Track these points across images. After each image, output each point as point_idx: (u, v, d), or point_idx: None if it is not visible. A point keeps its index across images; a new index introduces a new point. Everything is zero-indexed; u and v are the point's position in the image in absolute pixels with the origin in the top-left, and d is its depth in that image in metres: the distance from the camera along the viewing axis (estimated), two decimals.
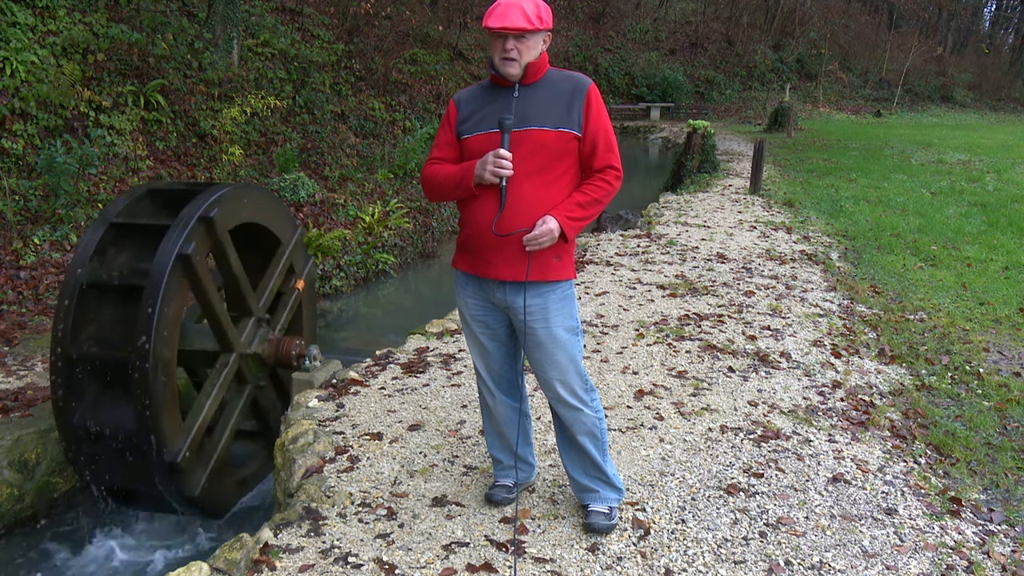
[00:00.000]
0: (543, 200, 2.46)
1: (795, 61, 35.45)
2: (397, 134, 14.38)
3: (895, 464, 3.39)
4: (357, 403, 3.92)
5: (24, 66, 8.02)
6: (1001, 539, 2.88)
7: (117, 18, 10.12)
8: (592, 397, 2.69)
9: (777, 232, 8.46)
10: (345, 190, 10.72)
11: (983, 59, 44.05)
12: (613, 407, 3.86)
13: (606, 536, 2.75)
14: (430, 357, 4.58)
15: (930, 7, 40.76)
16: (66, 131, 8.14)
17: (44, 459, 4.16)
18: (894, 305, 5.85)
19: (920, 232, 8.58)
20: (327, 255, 8.45)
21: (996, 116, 36.63)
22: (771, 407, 3.92)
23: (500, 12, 2.40)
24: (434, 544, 2.72)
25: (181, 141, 9.74)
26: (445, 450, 3.42)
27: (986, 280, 6.65)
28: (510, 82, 2.51)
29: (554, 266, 2.52)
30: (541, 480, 3.14)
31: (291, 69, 12.94)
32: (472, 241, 2.55)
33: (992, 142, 20.38)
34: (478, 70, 21.05)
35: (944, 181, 12.66)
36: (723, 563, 2.63)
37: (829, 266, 6.95)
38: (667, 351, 4.68)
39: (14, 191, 7.17)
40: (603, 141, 2.51)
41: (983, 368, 4.63)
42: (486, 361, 2.75)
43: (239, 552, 2.66)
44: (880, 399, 4.10)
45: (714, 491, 3.09)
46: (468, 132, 2.54)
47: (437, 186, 2.58)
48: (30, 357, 5.14)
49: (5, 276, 6.37)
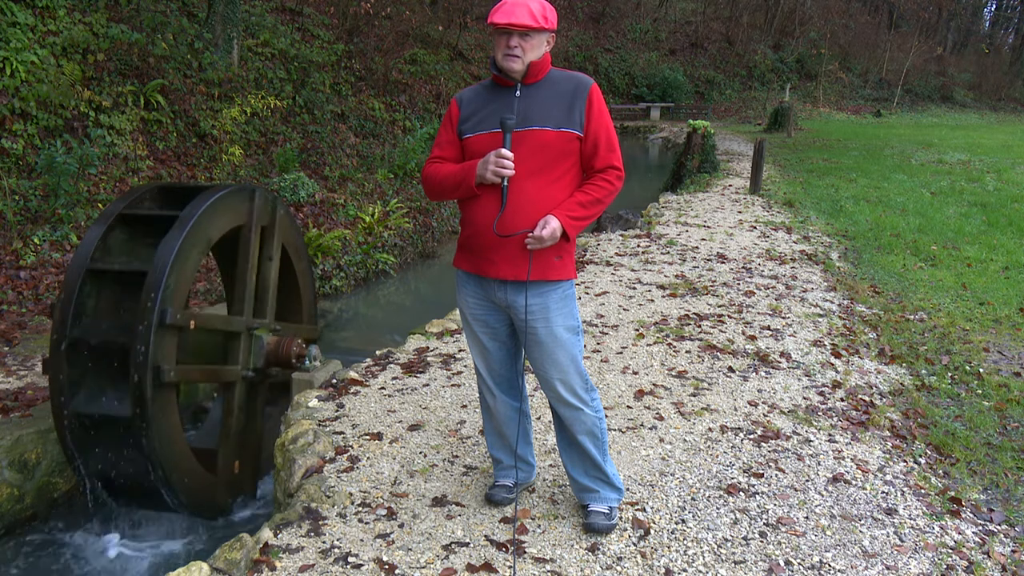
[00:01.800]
0: (544, 200, 2.46)
1: (795, 61, 35.44)
2: (397, 134, 14.38)
3: (895, 464, 3.39)
4: (357, 403, 3.92)
5: (24, 66, 8.02)
6: (1001, 539, 2.88)
7: (117, 18, 10.11)
8: (592, 397, 2.69)
9: (777, 232, 8.47)
10: (345, 190, 10.72)
11: (983, 59, 44.04)
12: (613, 407, 3.86)
13: (606, 536, 2.75)
14: (430, 357, 4.58)
15: (930, 7, 40.77)
16: (66, 131, 8.14)
17: (44, 459, 4.16)
18: (894, 305, 5.85)
19: (920, 232, 8.59)
20: (327, 255, 8.45)
21: (996, 116, 36.62)
22: (771, 407, 3.92)
23: (506, 9, 2.41)
24: (434, 544, 2.72)
25: (181, 141, 9.74)
26: (445, 450, 3.42)
27: (986, 280, 6.65)
28: (512, 82, 2.51)
29: (555, 266, 2.52)
30: (541, 480, 3.14)
31: (291, 69, 12.94)
32: (473, 240, 2.55)
33: (992, 142, 20.38)
34: (478, 70, 21.05)
35: (944, 181, 12.66)
36: (723, 563, 2.63)
37: (829, 266, 6.95)
38: (667, 351, 4.68)
39: (14, 191, 7.17)
40: (604, 141, 2.52)
41: (983, 368, 4.63)
42: (486, 360, 2.75)
43: (239, 552, 2.66)
44: (880, 399, 4.10)
45: (714, 491, 3.09)
46: (470, 132, 2.54)
47: (438, 185, 2.58)
48: (30, 357, 5.13)
49: (5, 276, 6.37)
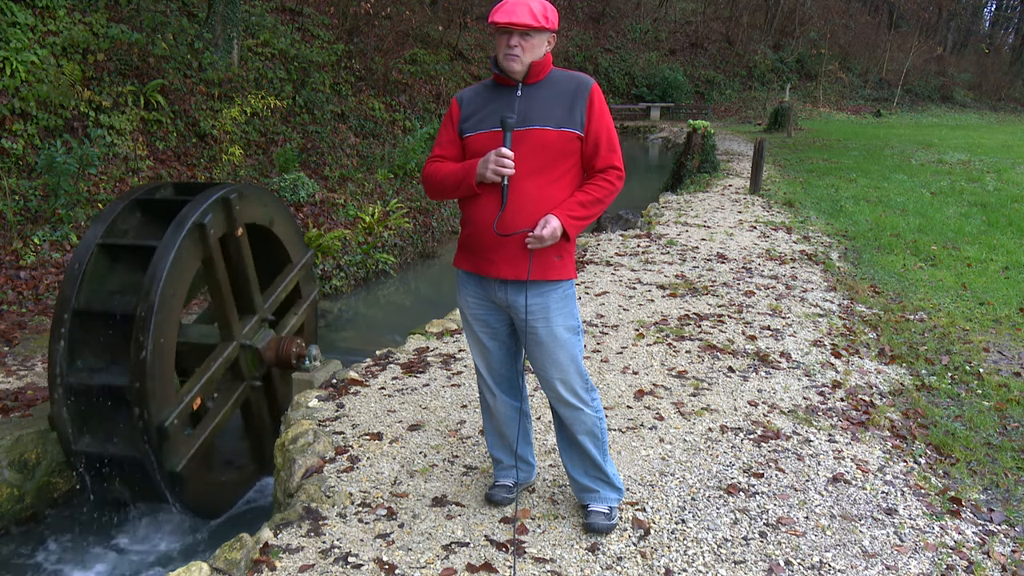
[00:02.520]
0: (545, 199, 2.46)
1: (795, 61, 35.43)
2: (397, 134, 14.38)
3: (895, 464, 3.39)
4: (357, 403, 3.92)
5: (24, 66, 8.02)
6: (1001, 539, 2.88)
7: (117, 18, 10.11)
8: (592, 397, 2.69)
9: (777, 232, 8.46)
10: (345, 190, 10.72)
11: (983, 59, 44.02)
12: (613, 407, 3.86)
13: (606, 536, 2.75)
14: (430, 357, 4.58)
15: (930, 7, 40.75)
16: (66, 131, 8.14)
17: (44, 459, 4.16)
18: (894, 305, 5.85)
19: (920, 232, 8.58)
20: (327, 255, 8.46)
21: (996, 116, 36.61)
22: (771, 407, 3.92)
23: (507, 8, 2.41)
24: (434, 544, 2.72)
25: (181, 141, 9.74)
26: (445, 450, 3.42)
27: (986, 280, 6.65)
28: (513, 81, 2.51)
29: (555, 265, 2.52)
30: (541, 480, 3.14)
31: (291, 69, 12.93)
32: (473, 240, 2.55)
33: (992, 142, 20.38)
34: (478, 70, 21.05)
35: (944, 181, 12.66)
36: (723, 563, 2.63)
37: (829, 266, 6.95)
38: (667, 351, 4.68)
39: (14, 191, 7.17)
40: (605, 141, 2.52)
41: (983, 368, 4.63)
42: (487, 360, 2.75)
43: (239, 552, 2.66)
44: (880, 399, 4.10)
45: (714, 491, 3.09)
46: (470, 131, 2.54)
47: (439, 184, 2.58)
48: (30, 357, 5.13)
49: (5, 276, 6.37)
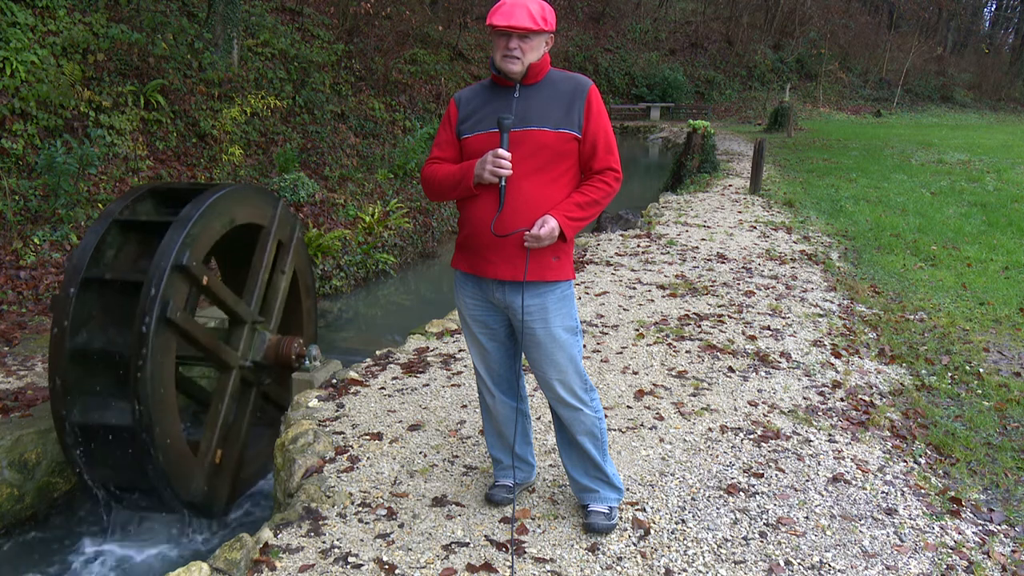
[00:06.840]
0: (542, 200, 2.46)
1: (795, 61, 35.43)
2: (397, 134, 14.39)
3: (895, 464, 3.39)
4: (357, 403, 3.92)
5: (24, 66, 8.02)
6: (1001, 539, 2.88)
7: (117, 18, 10.12)
8: (592, 397, 2.69)
9: (777, 232, 8.46)
10: (345, 190, 10.72)
11: (983, 59, 44.00)
12: (613, 407, 3.86)
13: (606, 536, 2.75)
14: (430, 357, 4.58)
15: (930, 7, 40.77)
16: (66, 131, 8.14)
17: (44, 459, 4.16)
18: (894, 305, 5.85)
19: (920, 232, 8.58)
20: (327, 255, 8.46)
21: (996, 116, 36.59)
22: (771, 407, 3.92)
23: (505, 11, 2.40)
24: (434, 544, 2.72)
25: (181, 141, 9.74)
26: (445, 450, 3.42)
27: (986, 280, 6.65)
28: (511, 82, 2.51)
29: (553, 266, 2.52)
30: (541, 480, 3.14)
31: (291, 69, 12.94)
32: (471, 240, 2.55)
33: (992, 142, 20.37)
34: (478, 70, 21.05)
35: (944, 181, 12.66)
36: (723, 563, 2.63)
37: (829, 266, 6.95)
38: (667, 351, 4.68)
39: (14, 191, 7.18)
40: (603, 143, 2.52)
41: (983, 368, 4.63)
42: (485, 361, 2.75)
43: (239, 552, 2.66)
44: (880, 399, 4.10)
45: (714, 491, 3.09)
46: (468, 131, 2.54)
47: (437, 185, 2.58)
48: (30, 357, 5.13)
49: (5, 276, 6.37)
